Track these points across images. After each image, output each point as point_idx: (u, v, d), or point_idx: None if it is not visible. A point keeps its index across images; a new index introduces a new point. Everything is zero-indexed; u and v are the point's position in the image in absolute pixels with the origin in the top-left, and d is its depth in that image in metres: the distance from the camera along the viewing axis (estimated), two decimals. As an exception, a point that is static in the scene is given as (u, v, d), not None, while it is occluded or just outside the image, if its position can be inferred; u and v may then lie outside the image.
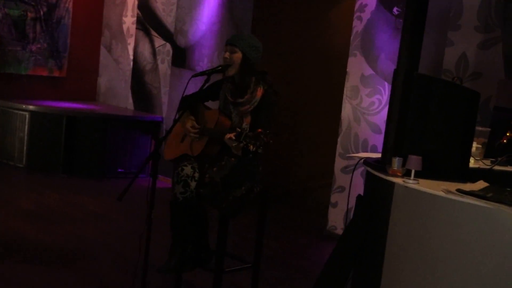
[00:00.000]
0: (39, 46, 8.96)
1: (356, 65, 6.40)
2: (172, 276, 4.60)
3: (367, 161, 3.80)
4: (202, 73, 4.30)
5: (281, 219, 7.02)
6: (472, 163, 4.06)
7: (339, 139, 6.51)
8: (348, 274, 3.73)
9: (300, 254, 5.94)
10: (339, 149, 6.51)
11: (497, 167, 3.99)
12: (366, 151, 6.21)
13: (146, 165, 4.12)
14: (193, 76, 4.28)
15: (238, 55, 4.29)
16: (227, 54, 4.30)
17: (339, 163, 6.50)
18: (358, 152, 6.29)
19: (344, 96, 6.47)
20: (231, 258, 4.70)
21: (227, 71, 4.31)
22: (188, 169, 4.25)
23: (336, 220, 6.47)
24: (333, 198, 6.52)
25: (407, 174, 3.37)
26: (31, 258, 5.05)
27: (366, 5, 6.32)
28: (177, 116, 4.37)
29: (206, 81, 4.27)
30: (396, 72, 3.63)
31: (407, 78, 3.53)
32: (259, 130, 3.84)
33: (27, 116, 8.28)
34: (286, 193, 8.17)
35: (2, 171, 8.19)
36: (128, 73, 9.25)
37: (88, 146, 8.30)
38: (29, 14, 8.79)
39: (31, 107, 8.31)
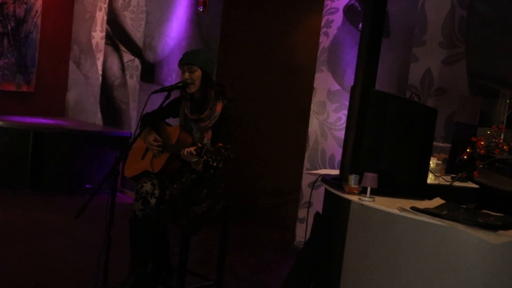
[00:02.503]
0: (6, 61, 8.87)
1: (323, 81, 6.40)
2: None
3: (325, 179, 3.79)
4: (162, 90, 4.29)
5: (248, 235, 6.98)
6: (432, 179, 4.06)
7: (306, 154, 6.50)
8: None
9: (267, 270, 5.89)
10: (306, 164, 6.49)
11: (457, 183, 3.99)
12: (333, 167, 6.20)
13: (107, 182, 4.06)
14: (153, 93, 4.28)
15: (197, 73, 4.28)
16: (187, 75, 4.27)
17: (306, 178, 6.48)
18: (325, 167, 6.29)
19: (311, 112, 6.47)
20: (193, 275, 4.67)
21: (188, 88, 4.30)
22: (147, 186, 4.22)
23: (304, 235, 6.41)
24: (301, 213, 6.50)
25: (363, 191, 3.35)
26: (-10, 277, 4.98)
27: (332, 21, 6.33)
28: (137, 133, 4.35)
29: (167, 97, 4.26)
30: (353, 89, 3.63)
31: (364, 95, 3.52)
32: (220, 144, 3.83)
33: (-7, 131, 8.19)
34: (253, 209, 8.13)
35: (-33, 188, 8.09)
36: (97, 88, 9.19)
37: (56, 161, 8.21)
38: (-4, 28, 8.72)
39: (-2, 123, 8.22)
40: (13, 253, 5.56)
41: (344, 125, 6.08)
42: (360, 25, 6.00)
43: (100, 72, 9.13)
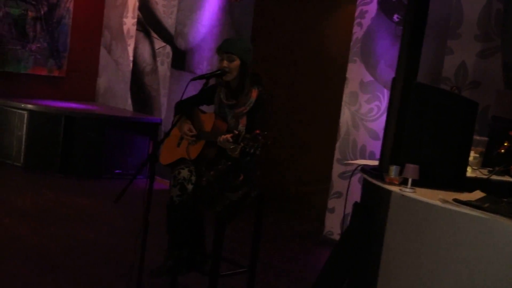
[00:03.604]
0: (39, 45, 8.97)
1: (356, 71, 6.40)
2: (167, 279, 4.59)
3: (364, 169, 3.80)
4: (201, 77, 4.30)
5: (277, 224, 7.02)
6: (469, 172, 4.06)
7: (337, 145, 6.51)
8: (343, 282, 3.73)
9: (296, 259, 5.93)
10: (337, 154, 6.51)
11: (494, 177, 3.98)
12: (364, 157, 6.21)
13: (143, 168, 4.10)
14: (192, 80, 4.29)
15: (236, 63, 4.28)
16: (225, 63, 4.28)
17: (337, 168, 6.50)
18: (356, 158, 6.30)
19: (343, 102, 6.47)
20: (227, 262, 4.70)
21: (225, 76, 4.31)
22: (185, 172, 4.25)
23: (333, 225, 6.47)
24: (330, 203, 6.52)
25: (404, 182, 3.37)
26: (24, 258, 5.04)
27: (366, 12, 6.33)
28: (174, 121, 4.38)
29: (205, 84, 4.28)
30: (394, 81, 3.63)
31: (406, 87, 3.53)
32: (257, 131, 3.83)
33: (25, 115, 8.28)
34: (283, 198, 8.16)
35: (-1, 170, 8.21)
36: (128, 74, 9.25)
37: (86, 146, 8.30)
38: (29, 13, 8.80)
39: (30, 106, 8.31)
40: (44, 236, 5.64)
41: (376, 116, 6.11)
42: (395, 16, 6.01)
43: (131, 58, 9.19)
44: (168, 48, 8.60)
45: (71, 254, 5.26)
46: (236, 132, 3.93)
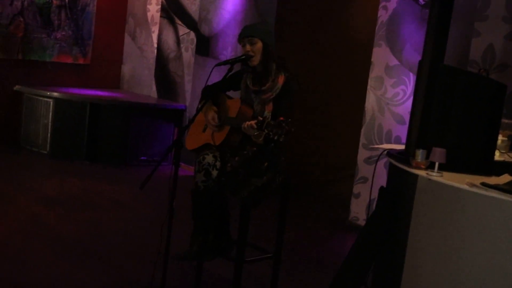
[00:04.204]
0: (63, 33, 9.00)
1: (381, 55, 6.34)
2: (192, 265, 4.60)
3: (390, 153, 3.77)
4: (225, 62, 4.29)
5: (302, 210, 7.00)
6: (497, 156, 4.00)
7: (362, 130, 6.47)
8: (369, 267, 3.70)
9: (321, 244, 5.92)
10: (362, 139, 6.46)
11: (522, 161, 3.93)
12: (390, 142, 6.16)
13: (169, 154, 4.10)
14: (216, 65, 4.27)
15: (259, 45, 4.27)
16: (248, 47, 4.27)
17: (362, 153, 6.46)
18: (381, 143, 6.25)
19: (368, 87, 6.42)
20: (252, 248, 4.69)
21: (250, 61, 4.29)
22: (209, 158, 4.24)
23: (358, 211, 6.44)
24: (356, 188, 6.49)
25: (430, 166, 3.33)
26: (51, 245, 5.08)
27: (392, -5, 6.26)
28: (199, 106, 4.36)
29: (230, 70, 4.26)
30: (421, 64, 3.59)
31: (432, 70, 3.49)
32: (281, 118, 3.81)
33: (51, 103, 8.32)
34: (308, 183, 8.13)
35: (26, 157, 8.27)
36: (152, 61, 9.27)
37: (111, 133, 8.33)
38: (54, 1, 8.84)
39: (55, 94, 8.35)
40: (71, 223, 5.68)
41: (402, 100, 6.06)
42: (421, -1, 5.93)
43: (155, 45, 9.20)
44: (192, 35, 8.59)
45: (98, 240, 5.29)
46: (261, 119, 3.90)
